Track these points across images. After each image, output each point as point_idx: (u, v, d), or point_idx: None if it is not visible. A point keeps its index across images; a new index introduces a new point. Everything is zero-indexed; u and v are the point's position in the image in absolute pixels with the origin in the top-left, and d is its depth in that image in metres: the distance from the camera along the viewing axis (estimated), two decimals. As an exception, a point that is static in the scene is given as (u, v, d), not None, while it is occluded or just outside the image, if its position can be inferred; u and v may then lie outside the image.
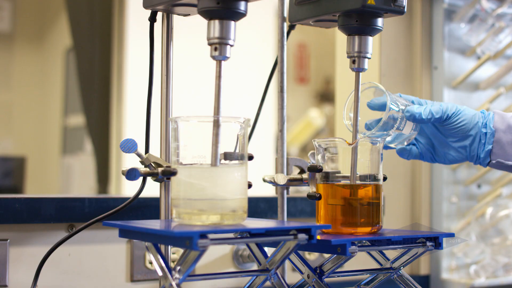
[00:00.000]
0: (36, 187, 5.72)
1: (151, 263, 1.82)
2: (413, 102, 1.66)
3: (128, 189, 3.82)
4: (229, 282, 1.95)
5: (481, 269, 2.21)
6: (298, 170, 1.77)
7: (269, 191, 2.00)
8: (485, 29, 2.25)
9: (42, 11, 6.07)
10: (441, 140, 1.66)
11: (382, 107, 1.64)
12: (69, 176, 5.32)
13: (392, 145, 1.66)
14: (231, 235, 1.38)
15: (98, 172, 4.03)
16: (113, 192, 3.96)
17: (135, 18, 3.94)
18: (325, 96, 6.23)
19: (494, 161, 1.61)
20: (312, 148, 1.62)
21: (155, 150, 1.59)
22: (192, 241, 1.22)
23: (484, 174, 2.29)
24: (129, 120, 3.98)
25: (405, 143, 1.67)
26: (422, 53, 2.29)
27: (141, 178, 1.56)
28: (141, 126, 3.97)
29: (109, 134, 4.06)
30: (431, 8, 2.29)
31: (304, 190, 1.78)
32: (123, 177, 1.51)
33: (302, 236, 1.34)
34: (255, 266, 1.96)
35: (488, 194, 2.29)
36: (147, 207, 1.81)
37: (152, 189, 1.73)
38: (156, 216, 1.80)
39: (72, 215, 1.71)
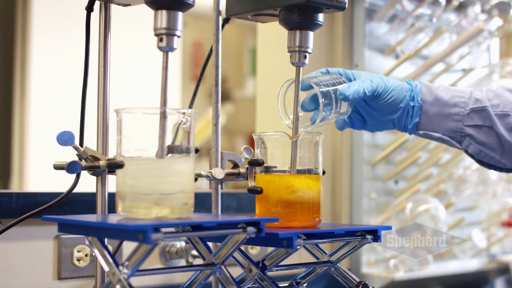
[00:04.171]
0: None
1: (79, 260, 1.77)
2: (340, 74, 1.66)
3: (31, 184, 3.70)
4: (156, 279, 1.92)
5: (400, 263, 2.27)
6: (232, 165, 1.76)
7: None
8: (405, 29, 2.30)
9: None
10: (370, 113, 1.67)
11: (310, 86, 1.63)
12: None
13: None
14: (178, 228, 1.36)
15: (-2, 168, 3.89)
16: (15, 188, 3.83)
17: (40, 8, 3.82)
18: (221, 95, 6.23)
19: (421, 132, 1.65)
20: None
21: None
22: (145, 234, 1.19)
23: (401, 171, 2.34)
24: (32, 114, 3.86)
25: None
26: (343, 51, 2.32)
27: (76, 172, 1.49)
28: (46, 120, 3.85)
29: (11, 129, 3.92)
30: (352, 7, 2.32)
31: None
32: (27, 173, 1.46)
33: (251, 229, 1.33)
34: (183, 262, 1.94)
35: (405, 190, 2.35)
36: (75, 202, 1.76)
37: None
38: (86, 211, 1.75)
39: (-1, 211, 1.65)
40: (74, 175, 1.52)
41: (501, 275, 2.74)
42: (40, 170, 3.68)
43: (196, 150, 1.42)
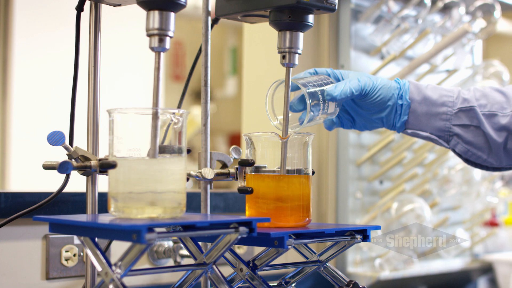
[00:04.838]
0: None
1: (67, 260, 1.76)
2: (328, 75, 1.67)
3: (13, 184, 3.68)
4: (144, 279, 1.92)
5: (385, 263, 2.29)
6: (220, 165, 1.76)
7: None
8: (390, 30, 2.32)
9: None
10: (358, 112, 1.68)
11: (298, 87, 1.63)
12: None
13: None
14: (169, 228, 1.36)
15: (-21, 168, 3.86)
16: (-3, 189, 3.81)
17: (22, 7, 3.80)
18: (200, 94, 6.21)
19: (409, 131, 1.67)
20: (198, 146, 1.62)
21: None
22: (139, 234, 1.19)
23: (387, 171, 2.36)
24: (14, 114, 3.84)
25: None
26: (329, 51, 2.33)
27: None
28: (28, 120, 3.82)
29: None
30: (338, 8, 2.33)
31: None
32: (8, 172, 1.45)
33: (243, 229, 1.34)
34: (171, 262, 1.94)
35: (391, 190, 2.37)
36: (64, 202, 1.75)
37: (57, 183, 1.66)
38: (75, 211, 1.75)
39: (-12, 211, 1.64)
40: (60, 175, 1.51)
41: (484, 274, 2.77)
42: (23, 170, 3.67)
43: (188, 151, 1.42)
